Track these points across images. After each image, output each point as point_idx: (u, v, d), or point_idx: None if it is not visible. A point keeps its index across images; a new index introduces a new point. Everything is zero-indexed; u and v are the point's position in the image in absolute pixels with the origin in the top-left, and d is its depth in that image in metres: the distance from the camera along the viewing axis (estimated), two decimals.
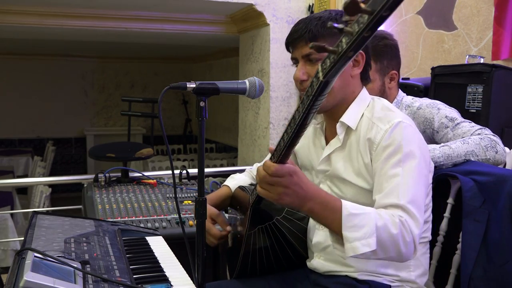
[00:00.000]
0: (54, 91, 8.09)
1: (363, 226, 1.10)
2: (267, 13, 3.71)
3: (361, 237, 1.10)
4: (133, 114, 4.02)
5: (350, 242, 1.10)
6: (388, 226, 1.12)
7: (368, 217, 1.12)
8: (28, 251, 1.06)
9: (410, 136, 1.25)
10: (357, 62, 1.34)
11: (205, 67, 8.41)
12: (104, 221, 1.59)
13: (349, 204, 1.14)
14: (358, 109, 1.35)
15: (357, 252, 1.10)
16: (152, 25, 4.30)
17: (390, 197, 1.18)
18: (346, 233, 1.11)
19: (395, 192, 1.18)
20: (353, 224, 1.11)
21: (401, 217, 1.14)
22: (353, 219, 1.11)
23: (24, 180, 4.81)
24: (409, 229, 1.14)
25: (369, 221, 1.11)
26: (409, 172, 1.20)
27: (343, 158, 1.35)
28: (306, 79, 1.34)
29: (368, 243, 1.10)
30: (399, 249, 1.13)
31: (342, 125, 1.35)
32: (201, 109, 1.23)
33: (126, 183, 2.37)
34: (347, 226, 1.11)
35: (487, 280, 1.40)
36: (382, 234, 1.11)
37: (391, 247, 1.13)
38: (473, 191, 1.46)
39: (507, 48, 2.36)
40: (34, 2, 3.76)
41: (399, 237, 1.12)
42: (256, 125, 4.03)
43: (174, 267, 1.31)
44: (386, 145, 1.24)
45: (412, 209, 1.16)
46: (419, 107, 1.82)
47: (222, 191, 1.65)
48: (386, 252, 1.13)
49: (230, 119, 6.99)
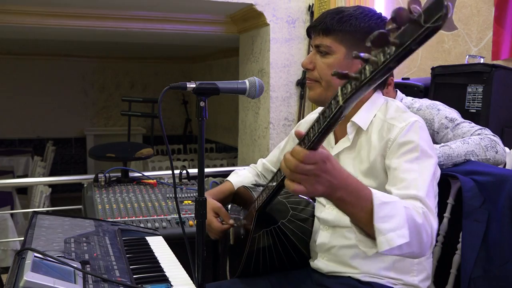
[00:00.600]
0: (54, 91, 8.09)
1: (394, 216, 1.02)
2: (267, 13, 3.71)
3: (395, 227, 1.01)
4: (133, 114, 4.02)
5: (384, 234, 1.00)
6: (413, 215, 1.06)
7: (398, 205, 1.05)
8: (28, 251, 1.06)
9: (426, 137, 1.25)
10: None
11: (205, 67, 8.41)
12: (104, 221, 1.59)
13: (379, 193, 1.05)
14: (371, 110, 1.33)
15: (393, 244, 1.00)
16: (152, 25, 4.30)
17: (409, 189, 1.15)
18: (379, 224, 1.01)
19: (413, 184, 1.16)
20: (384, 214, 1.01)
21: (422, 208, 1.11)
22: (384, 208, 1.02)
23: (24, 180, 4.81)
24: (430, 221, 1.10)
25: (399, 211, 1.03)
26: (425, 170, 1.19)
27: (352, 159, 1.34)
28: (312, 69, 1.34)
29: (403, 233, 1.01)
30: (421, 241, 1.07)
31: (353, 125, 1.33)
32: (201, 109, 1.23)
33: (126, 183, 2.38)
34: (379, 217, 1.01)
35: (487, 280, 1.40)
36: (410, 223, 1.04)
37: (416, 238, 1.06)
38: (473, 191, 1.46)
39: (507, 48, 2.36)
40: (34, 2, 3.77)
41: (422, 227, 1.07)
42: (256, 125, 4.03)
43: (174, 267, 1.31)
44: (402, 142, 1.22)
45: (429, 203, 1.14)
46: (419, 108, 1.82)
47: (225, 186, 1.65)
48: (413, 243, 1.05)
49: (230, 119, 6.99)
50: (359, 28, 1.28)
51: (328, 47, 1.31)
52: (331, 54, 1.31)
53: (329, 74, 1.30)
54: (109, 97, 8.56)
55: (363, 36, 1.28)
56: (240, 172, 1.71)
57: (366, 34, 1.26)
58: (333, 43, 1.30)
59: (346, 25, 1.29)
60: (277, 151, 1.70)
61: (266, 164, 1.72)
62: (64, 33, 4.77)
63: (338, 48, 1.30)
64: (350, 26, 1.29)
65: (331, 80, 1.31)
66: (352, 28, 1.29)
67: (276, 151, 1.71)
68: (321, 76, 1.33)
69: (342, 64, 1.30)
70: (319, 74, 1.34)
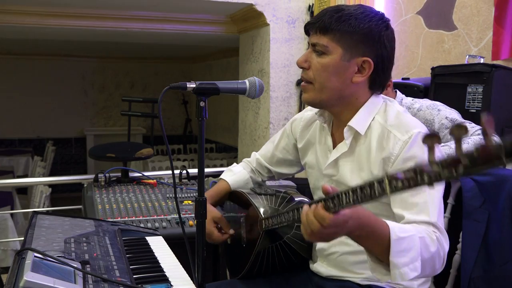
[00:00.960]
0: (54, 91, 8.09)
1: (409, 250, 1.05)
2: (267, 13, 3.71)
3: (409, 262, 1.05)
4: (133, 114, 4.02)
5: (399, 269, 1.04)
6: (428, 244, 1.10)
7: (414, 239, 1.07)
8: (28, 251, 1.06)
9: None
10: (363, 69, 1.27)
11: (205, 67, 8.41)
12: (104, 221, 1.59)
13: (396, 227, 1.07)
14: (368, 113, 1.29)
15: (406, 278, 1.04)
16: (152, 25, 4.30)
17: (421, 214, 1.15)
18: (395, 259, 1.04)
19: (426, 209, 1.15)
20: (401, 248, 1.05)
21: (435, 233, 1.13)
22: (401, 243, 1.05)
23: (24, 180, 4.81)
24: (443, 245, 1.13)
25: (414, 244, 1.07)
26: (434, 190, 1.17)
27: (351, 165, 1.31)
28: (307, 68, 1.29)
29: (415, 267, 1.06)
30: (434, 266, 1.12)
31: (350, 130, 1.30)
32: (201, 109, 1.23)
33: (126, 183, 2.37)
34: (396, 251, 1.04)
35: (487, 280, 1.40)
36: (424, 254, 1.08)
37: (429, 265, 1.11)
38: (473, 191, 1.46)
39: (507, 48, 2.36)
40: (34, 2, 3.76)
41: (436, 254, 1.11)
42: (256, 125, 4.03)
43: (174, 267, 1.31)
44: (406, 158, 1.19)
45: (441, 226, 1.15)
46: (419, 109, 1.82)
47: (221, 187, 1.63)
48: (426, 270, 1.10)
49: (230, 119, 6.99)
50: (358, 29, 1.23)
51: (325, 47, 1.25)
52: (327, 54, 1.26)
53: (323, 76, 1.26)
54: (109, 97, 8.56)
55: (361, 38, 1.24)
56: (235, 169, 1.67)
57: (365, 36, 1.24)
58: (330, 43, 1.25)
59: (345, 24, 1.23)
60: (271, 146, 1.64)
61: (260, 160, 1.67)
62: (64, 33, 4.77)
63: (334, 49, 1.25)
64: (348, 26, 1.23)
65: (325, 83, 1.27)
66: (350, 29, 1.23)
67: (269, 145, 1.65)
68: (315, 77, 1.28)
69: (338, 66, 1.25)
70: (313, 74, 1.28)
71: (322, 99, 1.29)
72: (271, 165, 1.65)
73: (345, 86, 1.27)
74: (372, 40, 1.25)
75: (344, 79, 1.26)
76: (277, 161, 1.63)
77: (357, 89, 1.29)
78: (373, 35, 1.25)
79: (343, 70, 1.26)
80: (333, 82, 1.27)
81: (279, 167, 1.64)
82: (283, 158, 1.61)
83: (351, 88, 1.28)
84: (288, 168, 1.64)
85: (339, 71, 1.26)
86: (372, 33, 1.25)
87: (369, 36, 1.25)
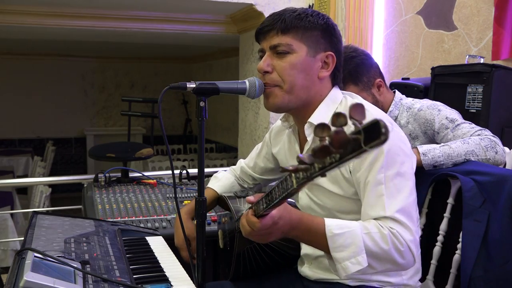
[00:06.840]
0: (54, 91, 8.09)
1: (349, 245, 1.10)
2: (267, 13, 3.71)
3: (349, 256, 1.10)
4: (133, 114, 4.02)
5: (340, 263, 1.10)
6: (377, 241, 1.12)
7: (354, 234, 1.11)
8: (28, 251, 1.06)
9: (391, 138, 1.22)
10: (327, 64, 1.29)
11: (205, 67, 8.41)
12: (104, 221, 1.59)
13: (333, 224, 1.12)
14: (328, 108, 1.29)
15: (348, 272, 1.10)
16: (152, 25, 4.30)
17: (376, 209, 1.16)
18: (335, 254, 1.11)
19: (380, 203, 1.16)
20: (338, 244, 1.10)
21: (391, 228, 1.13)
22: (337, 239, 1.10)
23: (24, 180, 4.81)
24: (402, 239, 1.13)
25: (355, 239, 1.10)
26: (392, 179, 1.17)
27: None
28: (271, 72, 1.28)
29: (358, 261, 1.09)
30: (395, 261, 1.14)
31: (310, 126, 1.29)
32: (201, 109, 1.23)
33: (126, 183, 2.37)
34: (334, 247, 1.11)
35: (487, 280, 1.40)
36: (373, 249, 1.11)
37: (386, 260, 1.13)
38: (473, 191, 1.46)
39: (507, 48, 2.36)
40: (34, 2, 3.76)
41: (391, 250, 1.12)
42: (256, 125, 4.03)
43: (174, 267, 1.31)
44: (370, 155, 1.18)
45: (401, 218, 1.14)
46: (419, 109, 1.82)
47: (208, 196, 1.57)
48: (382, 265, 1.13)
49: (230, 119, 6.99)
50: (318, 25, 1.27)
51: (289, 46, 1.26)
52: (291, 53, 1.26)
53: (292, 75, 1.26)
54: (109, 97, 8.56)
55: (321, 33, 1.28)
56: (219, 176, 1.69)
57: (324, 31, 1.28)
58: (294, 41, 1.26)
59: (305, 21, 1.26)
60: (255, 153, 1.67)
61: (245, 168, 1.70)
62: (64, 33, 4.77)
63: (299, 46, 1.26)
64: (309, 23, 1.26)
65: (294, 81, 1.27)
66: (311, 25, 1.26)
67: (254, 153, 1.68)
68: (283, 78, 1.27)
69: (305, 63, 1.26)
70: (281, 76, 1.27)
71: (290, 100, 1.28)
72: (255, 173, 1.68)
73: (312, 83, 1.29)
74: (330, 35, 1.30)
75: (311, 75, 1.28)
76: (259, 169, 1.67)
77: (321, 86, 1.31)
78: (330, 30, 1.30)
79: (310, 67, 1.28)
80: (301, 80, 1.28)
81: (262, 174, 1.68)
82: (264, 167, 1.65)
83: (317, 85, 1.30)
84: (271, 175, 1.68)
85: (306, 68, 1.28)
86: (329, 28, 1.30)
87: (327, 31, 1.29)
